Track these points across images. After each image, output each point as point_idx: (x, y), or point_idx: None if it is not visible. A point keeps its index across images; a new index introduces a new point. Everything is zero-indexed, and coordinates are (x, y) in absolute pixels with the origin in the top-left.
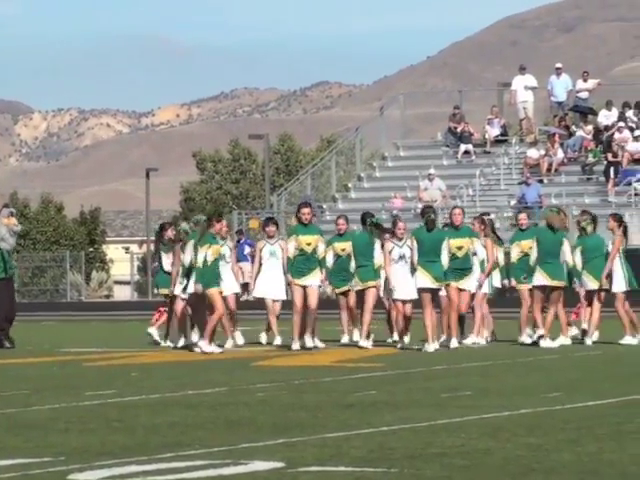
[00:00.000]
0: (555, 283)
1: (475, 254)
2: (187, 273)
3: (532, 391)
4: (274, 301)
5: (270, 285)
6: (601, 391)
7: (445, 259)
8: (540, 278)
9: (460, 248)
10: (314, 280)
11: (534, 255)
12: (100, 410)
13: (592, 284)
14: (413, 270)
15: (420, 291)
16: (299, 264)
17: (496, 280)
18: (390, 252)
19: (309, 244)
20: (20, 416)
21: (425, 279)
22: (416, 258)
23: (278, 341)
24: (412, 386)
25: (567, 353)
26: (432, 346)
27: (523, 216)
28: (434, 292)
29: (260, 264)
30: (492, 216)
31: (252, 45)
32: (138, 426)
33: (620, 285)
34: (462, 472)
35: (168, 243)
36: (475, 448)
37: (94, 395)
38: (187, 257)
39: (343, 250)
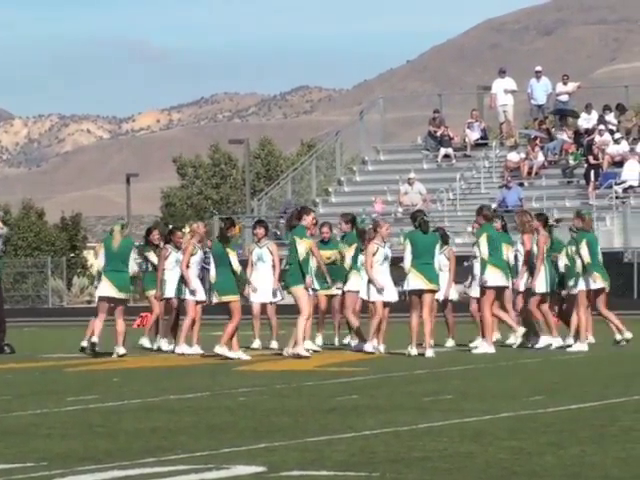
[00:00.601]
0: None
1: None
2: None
3: (514, 395)
4: (269, 304)
5: (258, 289)
6: (583, 394)
7: (437, 262)
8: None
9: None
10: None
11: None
12: (82, 415)
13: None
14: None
15: (411, 293)
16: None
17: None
18: (374, 254)
19: (329, 258)
20: (2, 422)
21: (418, 281)
22: (407, 261)
23: (257, 344)
24: (394, 390)
25: (549, 356)
26: (430, 351)
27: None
28: (424, 295)
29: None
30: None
31: (232, 50)
32: (120, 431)
33: (540, 286)
34: (444, 476)
35: (152, 246)
36: (457, 452)
37: (76, 400)
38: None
39: (328, 258)
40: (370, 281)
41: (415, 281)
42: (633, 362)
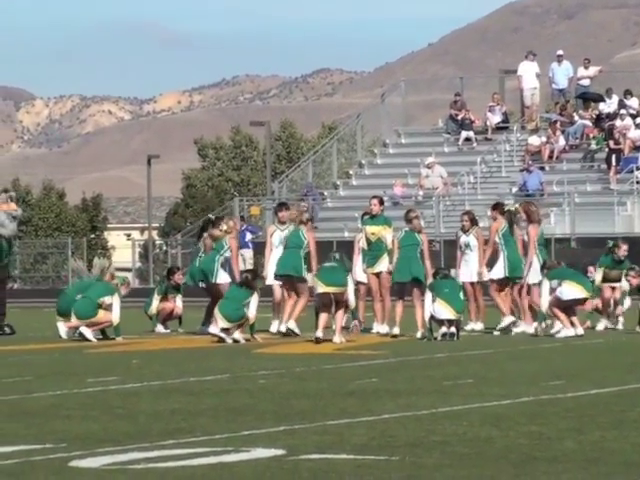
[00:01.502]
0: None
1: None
2: None
3: (534, 379)
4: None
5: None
6: (603, 380)
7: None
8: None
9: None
10: (383, 266)
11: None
12: (102, 397)
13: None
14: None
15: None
16: (367, 254)
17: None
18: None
19: (373, 234)
20: (22, 403)
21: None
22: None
23: (274, 327)
24: (414, 374)
25: (569, 342)
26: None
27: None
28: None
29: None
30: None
31: (253, 32)
32: (140, 413)
33: (498, 272)
34: (464, 460)
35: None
36: (477, 436)
37: (96, 382)
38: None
39: (373, 234)
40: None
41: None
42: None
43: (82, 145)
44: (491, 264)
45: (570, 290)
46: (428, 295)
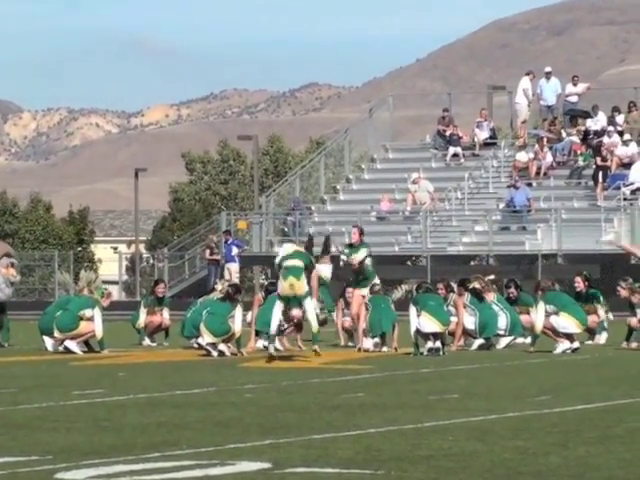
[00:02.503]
0: None
1: None
2: None
3: (519, 394)
4: None
5: None
6: (589, 395)
7: None
8: None
9: None
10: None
11: None
12: (88, 409)
13: None
14: None
15: None
16: (353, 278)
17: None
18: None
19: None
20: (7, 415)
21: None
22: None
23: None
24: (400, 388)
25: (554, 357)
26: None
27: None
28: None
29: None
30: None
31: (242, 46)
32: (126, 426)
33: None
34: (449, 474)
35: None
36: (462, 451)
37: (82, 394)
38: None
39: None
40: None
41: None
42: (638, 364)
43: (69, 158)
44: None
45: (566, 323)
46: (412, 309)
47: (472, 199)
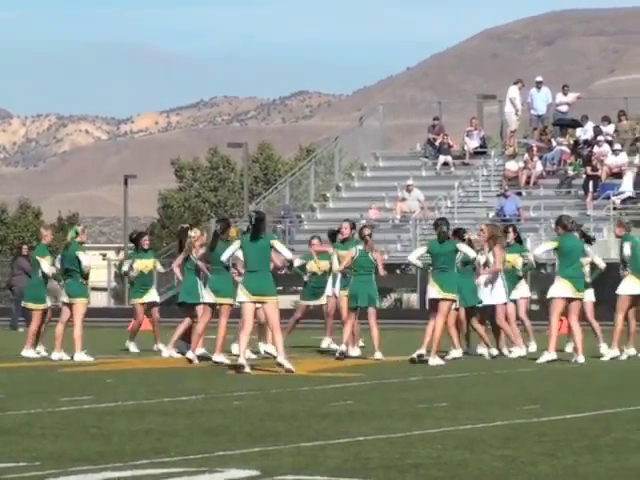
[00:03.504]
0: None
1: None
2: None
3: (508, 403)
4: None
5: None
6: (578, 404)
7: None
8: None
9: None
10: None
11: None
12: (76, 416)
13: None
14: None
15: (430, 301)
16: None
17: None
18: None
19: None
20: None
21: (433, 290)
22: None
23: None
24: (388, 396)
25: (543, 366)
26: (435, 360)
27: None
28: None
29: None
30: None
31: (232, 54)
32: (114, 433)
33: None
34: None
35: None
36: (451, 459)
37: (70, 401)
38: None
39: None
40: None
41: (430, 290)
42: (627, 373)
43: (59, 164)
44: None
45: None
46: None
47: (462, 208)
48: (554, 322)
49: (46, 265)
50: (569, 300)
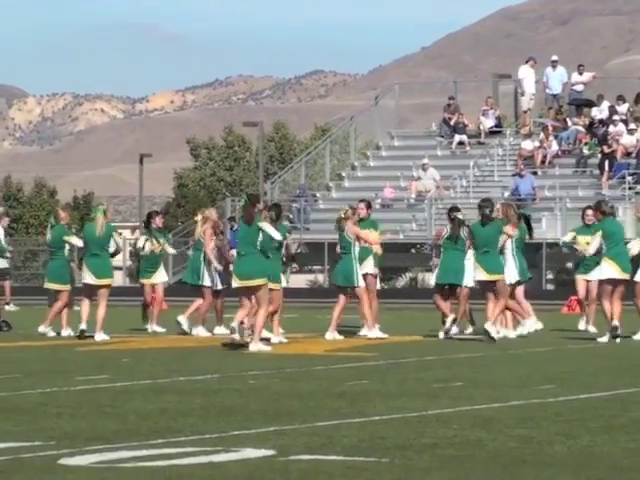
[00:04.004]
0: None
1: None
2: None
3: (524, 383)
4: None
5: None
6: (593, 384)
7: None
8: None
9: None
10: (369, 268)
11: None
12: (91, 395)
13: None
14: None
15: (479, 283)
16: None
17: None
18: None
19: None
20: (11, 400)
21: (479, 272)
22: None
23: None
24: (404, 376)
25: (559, 346)
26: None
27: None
28: (489, 284)
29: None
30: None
31: (247, 33)
32: (129, 412)
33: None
34: (453, 463)
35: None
36: (466, 439)
37: (85, 380)
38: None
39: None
40: None
41: (477, 272)
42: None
43: (74, 143)
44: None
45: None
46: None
47: (477, 187)
48: (607, 306)
49: (79, 240)
50: (615, 281)
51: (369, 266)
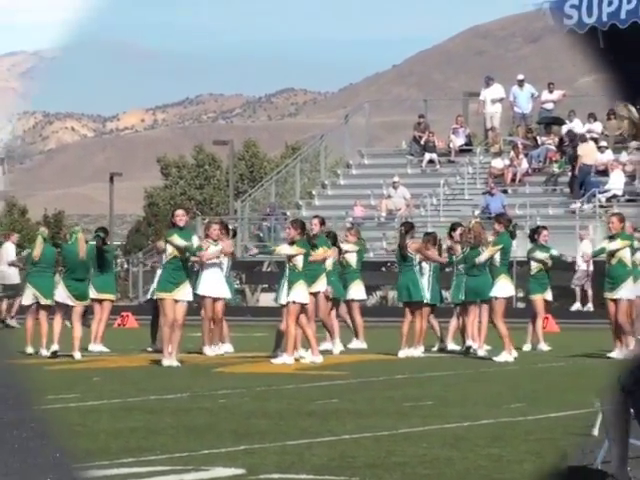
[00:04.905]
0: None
1: None
2: None
3: (494, 401)
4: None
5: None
6: (564, 402)
7: None
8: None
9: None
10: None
11: None
12: (62, 414)
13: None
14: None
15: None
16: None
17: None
18: None
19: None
20: None
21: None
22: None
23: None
24: (374, 395)
25: (530, 364)
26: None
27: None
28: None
29: None
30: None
31: (217, 51)
32: (100, 431)
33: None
34: None
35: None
36: (436, 457)
37: (56, 399)
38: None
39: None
40: None
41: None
42: (613, 372)
43: (45, 162)
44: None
45: None
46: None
47: (447, 205)
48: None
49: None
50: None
51: (321, 284)
